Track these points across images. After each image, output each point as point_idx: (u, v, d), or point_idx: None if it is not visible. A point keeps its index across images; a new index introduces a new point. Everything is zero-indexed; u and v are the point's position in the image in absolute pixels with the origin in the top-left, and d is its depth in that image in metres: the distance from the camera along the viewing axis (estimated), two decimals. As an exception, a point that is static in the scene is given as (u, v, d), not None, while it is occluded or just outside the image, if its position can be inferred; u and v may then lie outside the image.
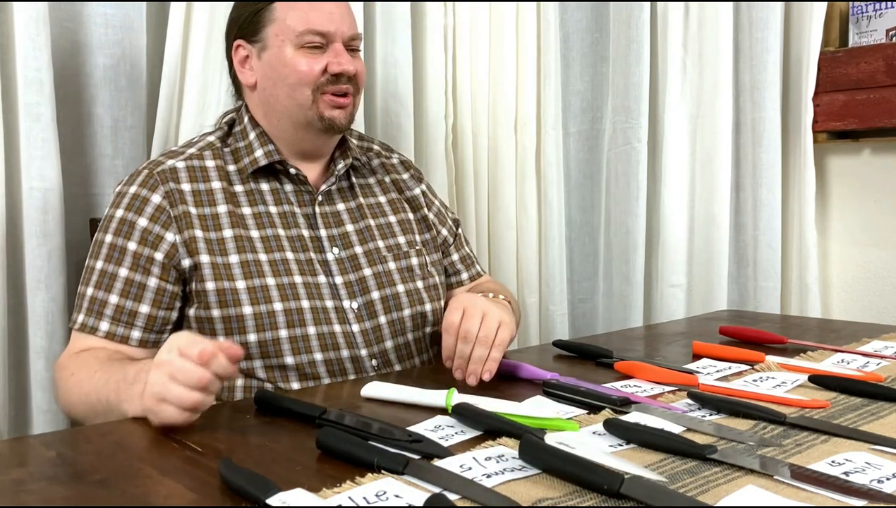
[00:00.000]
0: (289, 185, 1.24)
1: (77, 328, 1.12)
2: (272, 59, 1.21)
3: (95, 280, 1.13)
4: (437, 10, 1.84)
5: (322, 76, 1.19)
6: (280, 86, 1.20)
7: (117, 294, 1.12)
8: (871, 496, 0.66)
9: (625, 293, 2.05)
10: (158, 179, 1.16)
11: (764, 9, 1.94)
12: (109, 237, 1.14)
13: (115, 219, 1.15)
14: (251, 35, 1.23)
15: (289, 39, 1.19)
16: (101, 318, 1.11)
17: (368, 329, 1.21)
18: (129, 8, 1.50)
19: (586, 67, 2.15)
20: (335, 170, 1.28)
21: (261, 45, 1.22)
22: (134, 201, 1.15)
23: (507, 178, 1.99)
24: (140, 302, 1.12)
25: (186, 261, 1.13)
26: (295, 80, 1.19)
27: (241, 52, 1.24)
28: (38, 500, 0.67)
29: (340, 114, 1.22)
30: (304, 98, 1.19)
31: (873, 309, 1.96)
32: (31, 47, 1.31)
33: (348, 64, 1.21)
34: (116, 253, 1.13)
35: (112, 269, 1.13)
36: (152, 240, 1.13)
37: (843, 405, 0.94)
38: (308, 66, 1.19)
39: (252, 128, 1.25)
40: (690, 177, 2.04)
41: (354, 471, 0.71)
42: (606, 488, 0.65)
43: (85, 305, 1.13)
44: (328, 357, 1.17)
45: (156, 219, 1.14)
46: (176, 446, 0.81)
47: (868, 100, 1.87)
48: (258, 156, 1.22)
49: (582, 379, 1.03)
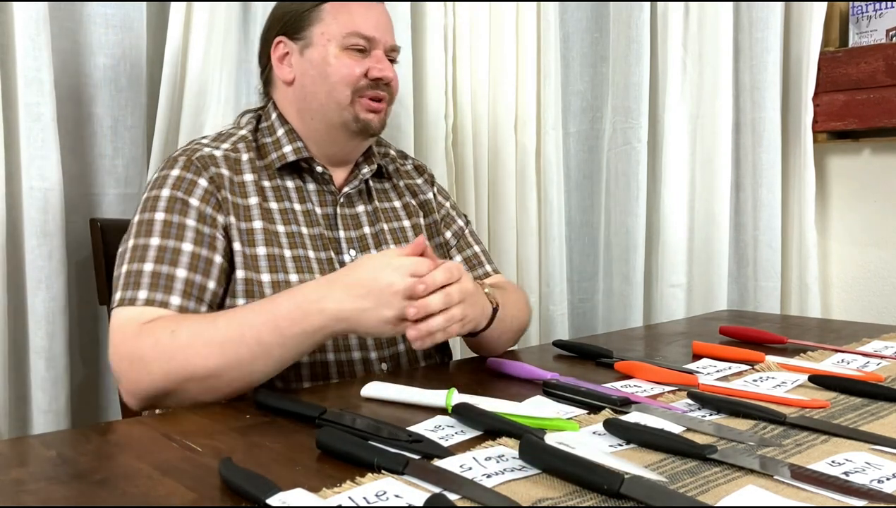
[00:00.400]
0: (312, 184, 1.25)
1: (143, 303, 1.04)
2: (315, 56, 1.22)
3: (155, 256, 1.08)
4: (437, 10, 1.85)
5: (362, 79, 1.21)
6: (320, 84, 1.21)
7: (185, 268, 1.08)
8: (871, 496, 0.66)
9: (625, 293, 2.05)
10: (199, 165, 1.15)
11: (764, 9, 1.94)
12: (162, 215, 1.11)
13: (163, 199, 1.12)
14: (295, 32, 1.24)
15: (334, 39, 1.21)
16: (170, 292, 1.06)
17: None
18: (129, 8, 1.50)
19: (586, 67, 2.15)
20: (360, 174, 1.28)
21: (304, 42, 1.23)
22: (181, 183, 1.13)
23: (507, 178, 1.99)
24: (207, 277, 1.10)
25: (229, 245, 1.14)
26: (337, 78, 1.20)
27: (281, 49, 1.25)
28: (38, 500, 0.67)
29: (375, 119, 1.23)
30: (343, 97, 1.21)
31: (873, 309, 1.96)
32: (31, 47, 1.31)
33: (389, 70, 1.23)
34: (174, 229, 1.10)
35: (174, 245, 1.09)
36: (208, 217, 1.12)
37: (843, 405, 0.94)
38: (350, 67, 1.20)
39: (280, 125, 1.25)
40: (690, 177, 2.04)
41: (354, 471, 0.71)
42: (606, 488, 0.65)
43: (146, 281, 1.06)
44: (339, 358, 1.17)
45: (206, 201, 1.13)
46: (176, 446, 0.81)
47: (868, 100, 1.87)
48: (286, 152, 1.22)
49: (582, 379, 1.03)
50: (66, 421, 1.37)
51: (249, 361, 0.99)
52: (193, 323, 1.01)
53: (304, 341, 1.01)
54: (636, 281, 2.03)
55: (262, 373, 1.01)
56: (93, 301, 1.44)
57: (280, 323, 0.99)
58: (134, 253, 1.09)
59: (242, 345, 0.98)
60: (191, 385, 0.99)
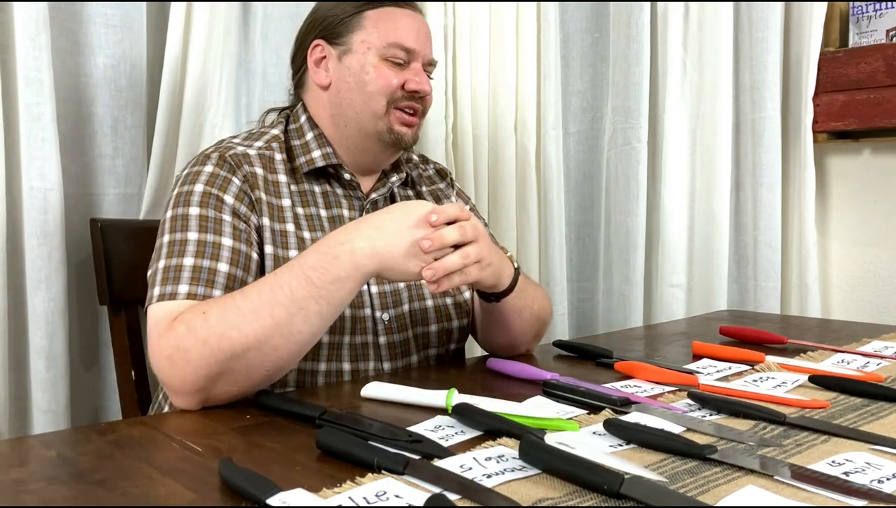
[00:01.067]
0: (339, 189, 1.24)
1: (183, 297, 1.01)
2: (354, 63, 1.20)
3: (195, 250, 1.05)
4: (437, 10, 1.84)
5: (399, 91, 1.20)
6: (356, 92, 1.20)
7: (226, 262, 1.06)
8: (871, 496, 0.66)
9: (625, 293, 2.05)
10: (233, 162, 1.14)
11: (764, 9, 1.94)
12: (197, 210, 1.08)
13: (197, 194, 1.09)
14: (334, 37, 1.22)
15: (375, 48, 1.19)
16: (212, 286, 1.03)
17: (396, 342, 1.20)
18: (129, 8, 1.50)
19: (586, 67, 2.15)
20: (388, 182, 1.27)
21: (344, 48, 1.21)
22: (215, 179, 1.11)
23: (507, 179, 1.99)
24: (248, 272, 1.08)
25: (261, 247, 1.12)
26: (375, 88, 1.19)
27: (318, 52, 1.23)
28: (38, 500, 0.67)
29: (408, 132, 1.22)
30: (379, 107, 1.19)
31: (873, 309, 1.96)
32: (31, 47, 1.31)
33: (426, 84, 1.22)
34: (212, 223, 1.07)
35: (213, 239, 1.06)
36: (243, 215, 1.11)
37: (843, 405, 0.94)
38: (388, 78, 1.19)
39: (310, 129, 1.24)
40: (690, 177, 2.04)
41: (354, 471, 0.71)
42: (606, 488, 0.65)
43: (187, 275, 1.03)
44: (355, 367, 1.16)
45: (241, 199, 1.11)
46: (176, 446, 0.81)
47: (868, 100, 1.87)
48: (315, 157, 1.21)
49: (582, 379, 1.03)
50: (65, 421, 1.37)
51: (287, 321, 0.94)
52: (223, 299, 0.98)
53: (337, 289, 0.96)
54: (636, 281, 2.03)
55: (305, 335, 0.97)
56: (93, 301, 1.44)
57: (310, 274, 0.95)
58: (171, 247, 1.05)
59: (277, 306, 0.94)
60: (235, 363, 0.93)
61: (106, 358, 1.50)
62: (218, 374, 0.94)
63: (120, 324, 1.39)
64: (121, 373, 1.39)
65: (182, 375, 0.94)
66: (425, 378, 1.16)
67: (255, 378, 0.96)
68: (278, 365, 0.97)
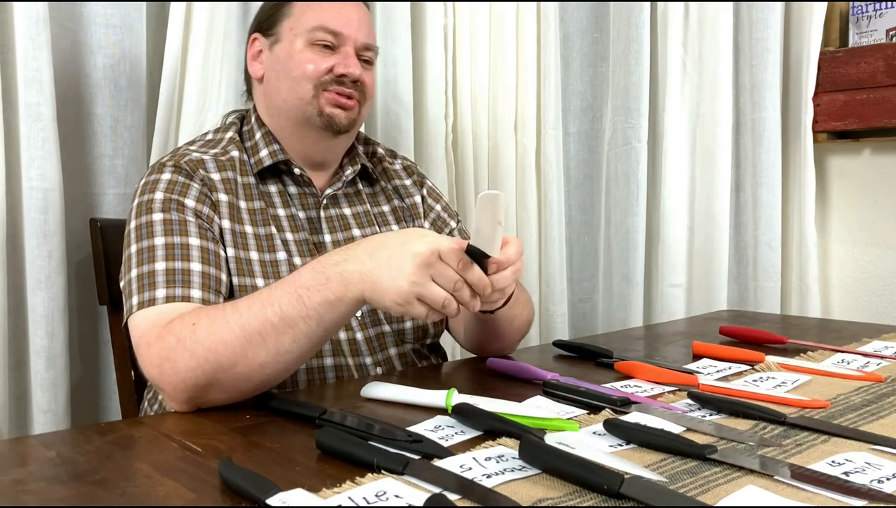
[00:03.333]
0: (293, 188, 1.23)
1: (163, 301, 1.01)
2: (281, 51, 1.20)
3: (164, 254, 1.04)
4: (437, 10, 1.84)
5: (326, 74, 1.18)
6: (283, 79, 1.19)
7: (198, 261, 1.05)
8: (871, 496, 0.66)
9: (625, 293, 2.05)
10: (188, 168, 1.13)
11: (764, 9, 1.94)
12: (160, 215, 1.08)
13: (158, 201, 1.09)
14: (267, 29, 1.23)
15: (300, 34, 1.19)
16: (189, 286, 1.03)
17: (372, 336, 1.20)
18: (129, 8, 1.50)
19: (586, 67, 2.15)
20: (343, 176, 1.26)
21: (274, 38, 1.22)
22: (174, 186, 1.11)
23: (507, 178, 1.99)
24: (220, 269, 1.08)
25: (224, 249, 1.11)
26: (299, 73, 1.18)
27: (255, 46, 1.24)
28: (38, 500, 0.67)
29: (342, 114, 1.19)
30: (305, 92, 1.18)
31: (873, 309, 1.96)
32: (31, 47, 1.31)
33: (355, 67, 1.19)
34: (177, 225, 1.07)
35: (180, 240, 1.06)
36: (205, 216, 1.10)
37: (843, 405, 0.94)
38: (314, 62, 1.18)
39: (258, 128, 1.23)
40: (690, 177, 2.04)
41: (354, 471, 0.71)
42: (606, 488, 0.65)
43: (161, 279, 1.02)
44: (338, 362, 1.16)
45: (202, 201, 1.11)
46: (176, 446, 0.81)
47: (868, 100, 1.87)
48: (263, 156, 1.20)
49: (582, 379, 1.03)
50: (65, 421, 1.37)
51: (275, 340, 0.93)
52: (214, 311, 0.96)
53: (327, 312, 0.93)
54: (636, 281, 2.03)
55: (293, 354, 0.95)
56: (93, 301, 1.44)
57: (301, 293, 0.93)
58: (140, 256, 1.05)
59: (266, 323, 0.92)
60: (222, 376, 0.93)
61: (106, 358, 1.50)
62: (206, 385, 0.94)
63: (120, 324, 1.39)
64: (121, 373, 1.39)
65: (172, 383, 0.94)
66: (425, 378, 1.16)
67: (245, 389, 0.96)
68: (266, 380, 0.96)
